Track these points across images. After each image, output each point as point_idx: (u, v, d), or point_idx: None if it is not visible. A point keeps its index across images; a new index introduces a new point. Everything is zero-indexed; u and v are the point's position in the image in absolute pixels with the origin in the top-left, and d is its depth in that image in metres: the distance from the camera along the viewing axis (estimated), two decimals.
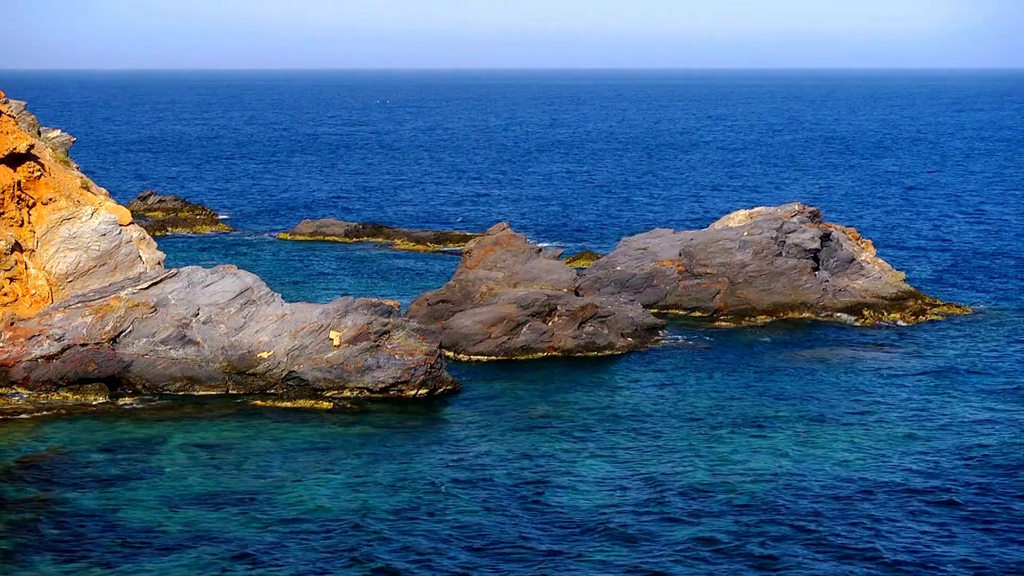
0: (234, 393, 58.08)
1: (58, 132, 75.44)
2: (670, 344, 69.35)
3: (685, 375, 63.10)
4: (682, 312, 77.55)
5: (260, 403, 56.88)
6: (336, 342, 59.17)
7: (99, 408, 55.86)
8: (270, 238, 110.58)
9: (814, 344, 70.08)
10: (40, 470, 47.82)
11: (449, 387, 59.52)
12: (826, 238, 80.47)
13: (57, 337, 58.15)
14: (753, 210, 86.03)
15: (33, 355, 57.77)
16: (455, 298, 72.23)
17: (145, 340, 58.86)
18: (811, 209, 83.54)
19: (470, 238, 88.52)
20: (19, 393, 56.87)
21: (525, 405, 57.30)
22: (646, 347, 68.48)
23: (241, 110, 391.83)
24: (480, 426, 53.91)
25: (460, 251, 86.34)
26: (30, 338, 58.34)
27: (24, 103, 71.51)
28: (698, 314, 77.32)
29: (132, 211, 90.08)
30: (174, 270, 62.46)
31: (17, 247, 62.28)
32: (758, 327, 74.52)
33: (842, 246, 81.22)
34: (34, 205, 63.69)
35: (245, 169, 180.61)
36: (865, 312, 76.67)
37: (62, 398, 56.73)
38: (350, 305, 60.66)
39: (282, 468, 48.02)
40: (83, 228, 64.28)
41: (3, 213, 62.27)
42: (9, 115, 63.83)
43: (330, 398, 57.60)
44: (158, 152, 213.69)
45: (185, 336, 59.00)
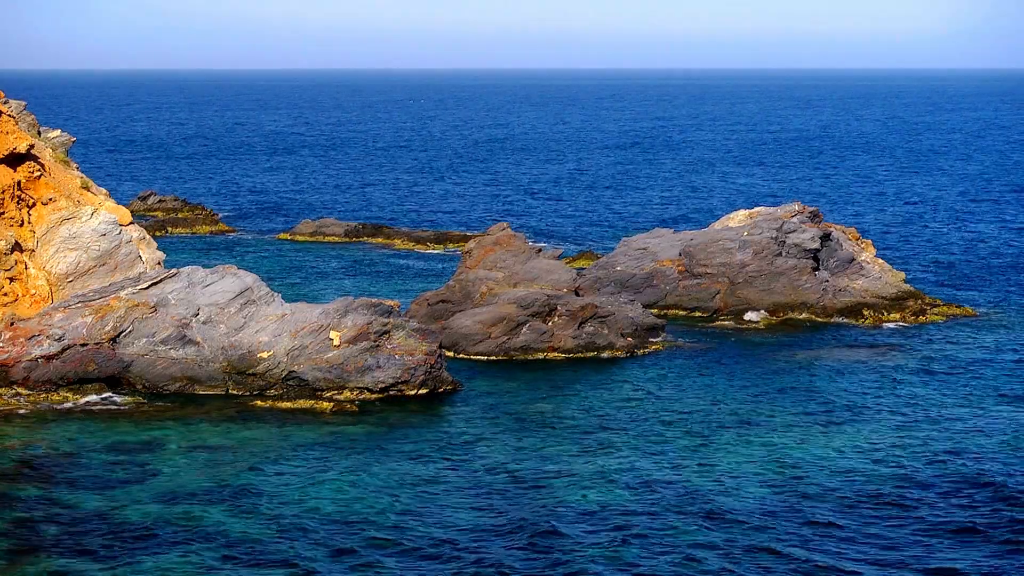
0: (234, 393, 58.09)
1: (58, 132, 75.45)
2: (670, 344, 69.34)
3: (685, 375, 63.10)
4: (682, 312, 77.55)
5: (260, 403, 56.88)
6: (336, 342, 59.17)
7: (99, 408, 55.87)
8: (270, 238, 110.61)
9: (814, 344, 70.08)
10: (40, 470, 47.83)
11: (449, 387, 59.53)
12: (826, 238, 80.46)
13: (57, 337, 58.16)
14: (753, 210, 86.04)
15: (33, 355, 57.78)
16: (455, 298, 72.24)
17: (145, 340, 58.86)
18: (811, 209, 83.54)
19: (470, 238, 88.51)
20: (19, 393, 56.89)
21: (525, 405, 57.30)
22: (646, 347, 68.48)
23: (241, 110, 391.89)
24: (480, 426, 53.91)
25: (460, 251, 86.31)
26: (30, 338, 58.34)
27: (24, 103, 71.51)
28: (698, 314, 77.35)
29: (132, 211, 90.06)
30: (174, 270, 62.47)
31: (17, 247, 62.28)
32: (758, 327, 74.49)
33: (842, 246, 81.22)
34: (34, 205, 63.70)
35: (245, 169, 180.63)
36: (865, 312, 76.65)
37: (62, 398, 56.74)
38: (350, 305, 60.66)
39: (282, 468, 48.02)
40: (83, 228, 64.28)
41: (3, 213, 62.28)
42: (9, 115, 63.83)
43: (330, 398, 57.60)
44: (159, 152, 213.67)
45: (185, 336, 59.01)
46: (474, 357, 66.22)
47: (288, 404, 56.75)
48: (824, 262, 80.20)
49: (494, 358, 66.20)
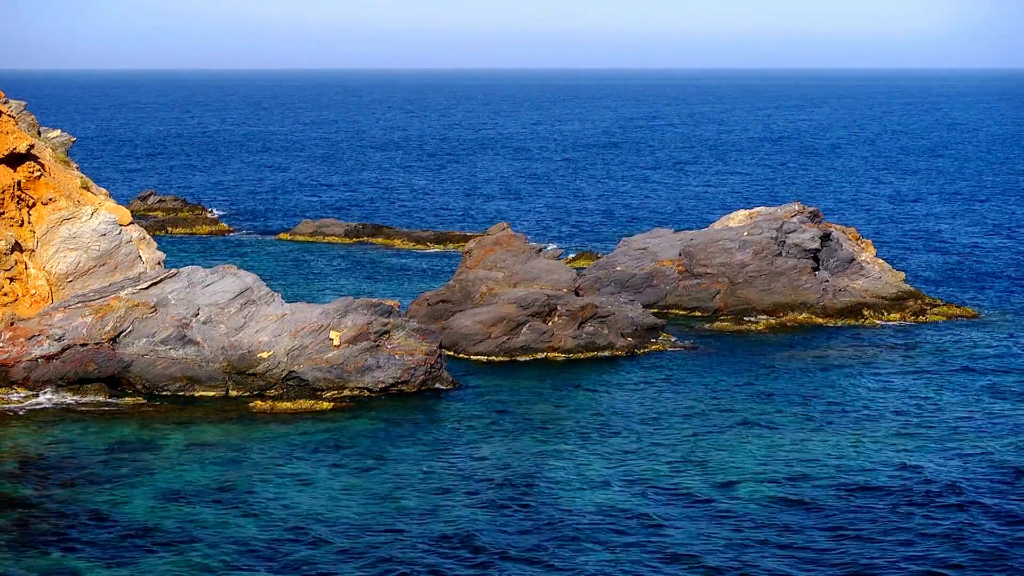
0: (234, 393, 58.10)
1: (58, 132, 75.46)
2: (670, 344, 69.34)
3: (685, 375, 63.11)
4: (682, 312, 77.58)
5: (260, 403, 56.89)
6: (336, 342, 59.19)
7: (99, 408, 55.87)
8: (270, 238, 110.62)
9: (814, 344, 70.09)
10: (40, 470, 47.83)
11: (449, 387, 59.56)
12: (826, 238, 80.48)
13: (57, 337, 58.17)
14: (753, 210, 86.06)
15: (33, 355, 57.79)
16: (455, 298, 72.26)
17: (145, 340, 58.87)
18: (811, 209, 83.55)
19: (470, 238, 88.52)
20: (19, 393, 56.90)
21: (525, 405, 57.32)
22: (646, 347, 68.48)
23: (241, 110, 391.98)
24: (480, 426, 53.92)
25: (460, 251, 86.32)
26: (30, 338, 58.35)
27: (24, 103, 71.52)
28: (698, 314, 77.37)
29: (132, 211, 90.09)
30: (174, 270, 62.47)
31: (17, 247, 62.29)
32: (758, 327, 74.48)
33: (842, 246, 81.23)
34: (34, 205, 63.71)
35: (245, 169, 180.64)
36: (865, 312, 76.66)
37: (62, 398, 56.73)
38: (350, 305, 60.68)
39: (282, 468, 48.03)
40: (83, 228, 64.29)
41: (3, 213, 62.29)
42: (9, 115, 63.84)
43: (330, 398, 57.62)
44: (158, 152, 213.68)
45: (185, 336, 59.01)
46: (474, 357, 66.23)
47: (288, 404, 56.77)
48: (824, 262, 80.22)
49: (494, 358, 66.22)
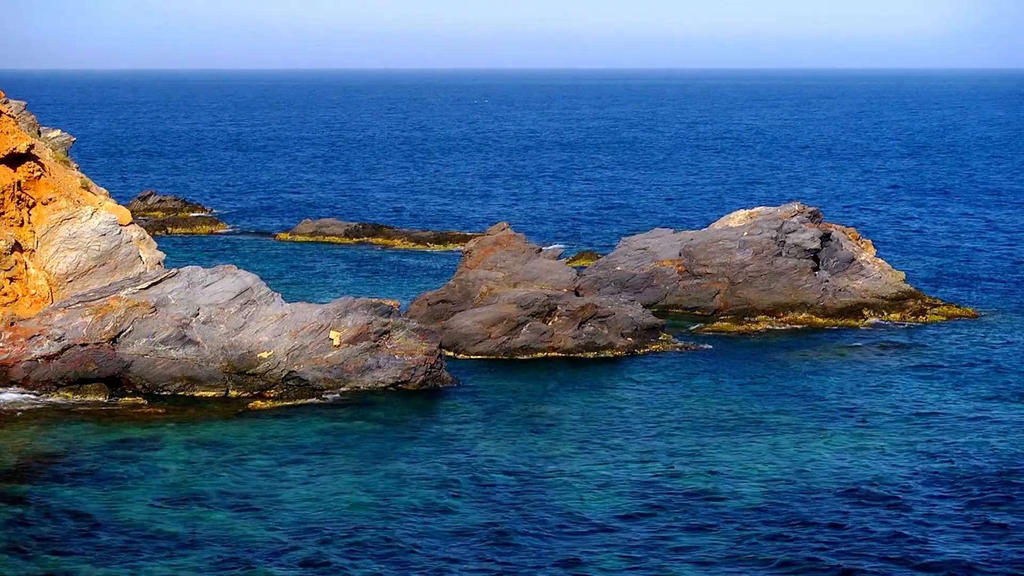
0: (234, 393, 58.10)
1: (58, 132, 75.43)
2: (670, 344, 69.32)
3: (685, 375, 63.11)
4: (682, 312, 77.57)
5: (260, 403, 56.90)
6: (336, 342, 59.20)
7: (99, 408, 55.87)
8: (270, 238, 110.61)
9: (814, 344, 70.08)
10: (40, 470, 47.83)
11: (449, 387, 59.56)
12: (826, 238, 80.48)
13: (57, 337, 58.17)
14: (753, 210, 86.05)
15: (33, 355, 57.80)
16: (455, 298, 72.26)
17: (145, 340, 58.87)
18: (811, 209, 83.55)
19: (470, 238, 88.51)
20: (19, 393, 56.88)
21: (525, 405, 57.32)
22: (646, 347, 68.47)
23: (238, 110, 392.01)
24: (480, 426, 53.93)
25: (460, 251, 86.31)
26: (30, 338, 58.36)
27: (24, 103, 71.52)
28: (698, 314, 77.36)
29: (132, 211, 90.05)
30: (174, 270, 62.49)
31: (17, 247, 62.30)
32: (758, 327, 74.47)
33: (842, 246, 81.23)
34: (34, 205, 63.72)
35: (245, 169, 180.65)
36: (865, 312, 76.66)
37: (62, 398, 56.75)
38: (350, 305, 60.69)
39: (282, 468, 48.04)
40: (83, 228, 64.30)
41: (3, 213, 62.30)
42: (9, 115, 63.85)
43: (330, 398, 57.61)
44: (158, 152, 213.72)
45: (185, 336, 59.01)
46: (474, 357, 66.24)
47: (288, 404, 56.75)
48: (824, 262, 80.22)
49: (494, 358, 66.22)
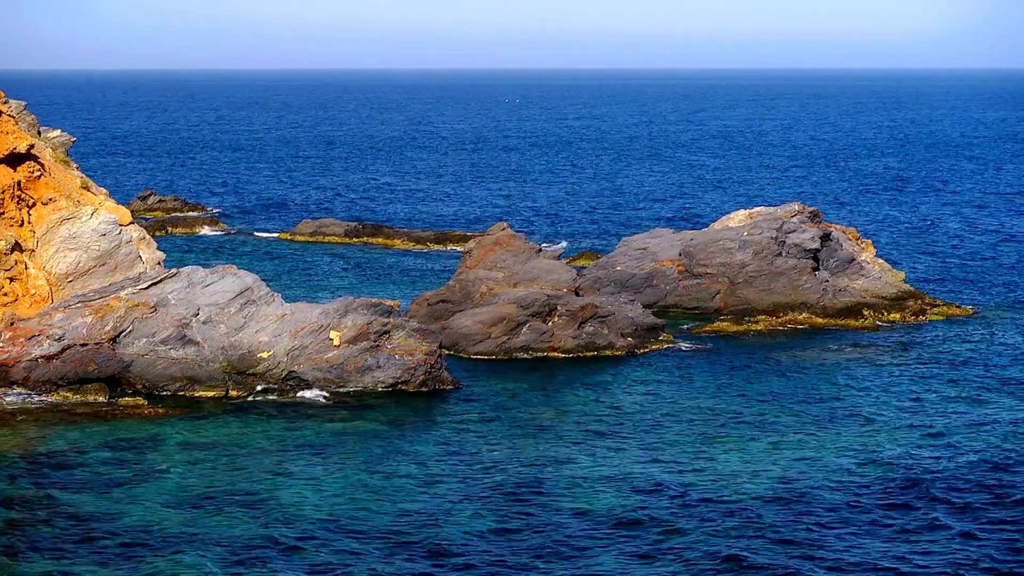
0: (234, 393, 58.09)
1: (58, 132, 75.46)
2: (670, 344, 69.33)
3: (685, 375, 63.12)
4: (682, 312, 77.58)
5: (260, 403, 56.88)
6: (336, 342, 59.20)
7: (99, 408, 55.85)
8: (270, 238, 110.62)
9: (814, 344, 70.09)
10: (40, 470, 47.82)
11: (449, 387, 59.57)
12: (826, 238, 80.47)
13: (57, 337, 58.16)
14: (753, 210, 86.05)
15: (33, 355, 57.79)
16: (455, 298, 72.27)
17: (145, 340, 58.87)
18: (811, 209, 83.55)
19: (470, 238, 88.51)
20: (19, 393, 56.88)
21: (525, 405, 57.32)
22: (646, 347, 68.48)
23: (239, 110, 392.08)
24: (480, 426, 53.94)
25: (460, 251, 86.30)
26: (30, 338, 58.35)
27: (24, 103, 71.53)
28: (698, 314, 77.36)
29: (132, 211, 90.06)
30: (174, 270, 62.49)
31: (17, 247, 62.30)
32: (758, 327, 74.48)
33: (842, 246, 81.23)
34: (34, 205, 63.72)
35: (245, 169, 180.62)
36: (865, 312, 76.65)
37: (62, 398, 56.75)
38: (350, 305, 60.69)
39: (282, 468, 48.04)
40: (83, 228, 64.29)
41: (3, 213, 62.30)
42: (9, 115, 63.84)
43: (330, 398, 57.61)
44: (158, 152, 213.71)
45: (185, 336, 59.02)
46: (474, 357, 66.25)
47: (287, 404, 56.74)
48: (824, 262, 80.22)
49: (494, 358, 66.23)
